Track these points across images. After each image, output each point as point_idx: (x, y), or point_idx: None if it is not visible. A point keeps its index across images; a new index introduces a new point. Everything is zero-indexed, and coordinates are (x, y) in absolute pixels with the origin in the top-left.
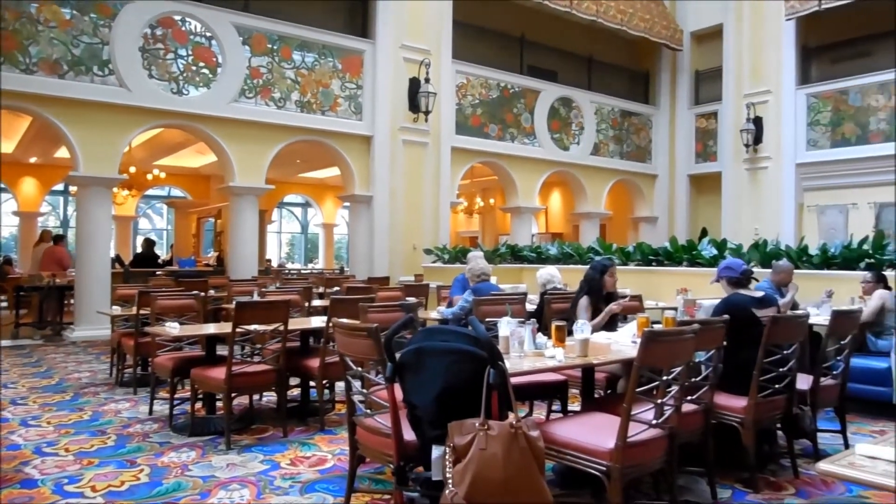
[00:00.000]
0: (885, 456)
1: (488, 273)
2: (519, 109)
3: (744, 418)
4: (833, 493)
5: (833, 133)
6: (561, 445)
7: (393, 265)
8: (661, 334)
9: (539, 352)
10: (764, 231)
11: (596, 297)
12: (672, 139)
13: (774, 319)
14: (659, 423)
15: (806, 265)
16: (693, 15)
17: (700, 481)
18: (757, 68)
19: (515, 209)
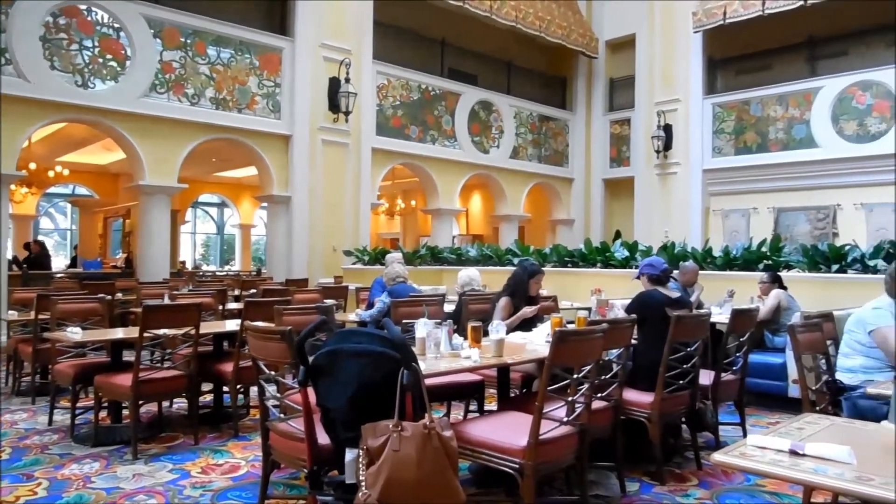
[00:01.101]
0: (773, 446)
1: (405, 275)
2: (440, 112)
3: (651, 413)
4: (733, 483)
5: (736, 141)
6: (476, 445)
7: (312, 267)
8: (572, 334)
9: (455, 353)
10: (673, 234)
11: (519, 299)
12: (588, 144)
13: (679, 318)
14: (570, 421)
15: (710, 266)
16: (608, 24)
17: (610, 475)
18: (667, 77)
19: (436, 211)
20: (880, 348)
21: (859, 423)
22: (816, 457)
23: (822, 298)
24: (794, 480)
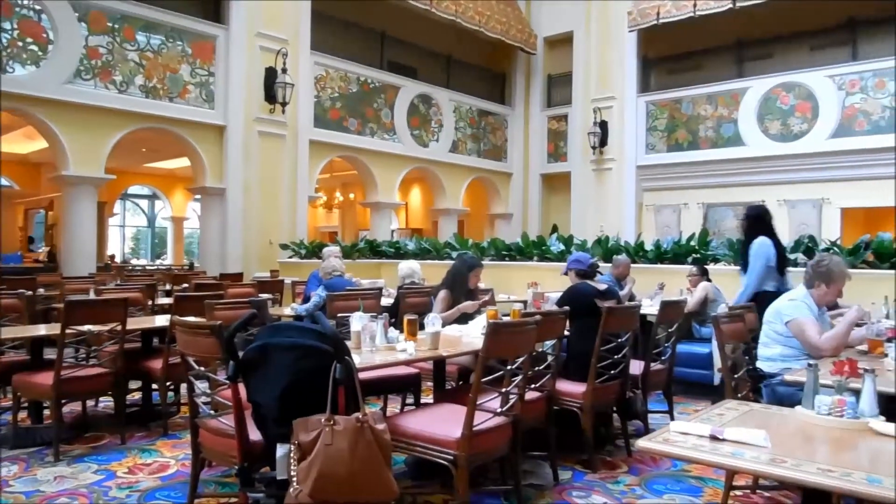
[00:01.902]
0: (695, 431)
1: (341, 269)
2: (379, 105)
3: (583, 403)
4: (661, 468)
5: (668, 138)
6: (411, 437)
7: (248, 261)
8: (505, 326)
9: (391, 346)
10: (608, 228)
11: (458, 292)
12: (526, 139)
13: (610, 310)
14: (504, 412)
15: (642, 260)
16: (546, 21)
17: (543, 464)
18: (603, 75)
19: (375, 204)
20: (797, 338)
21: (776, 409)
22: (734, 441)
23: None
24: (713, 464)
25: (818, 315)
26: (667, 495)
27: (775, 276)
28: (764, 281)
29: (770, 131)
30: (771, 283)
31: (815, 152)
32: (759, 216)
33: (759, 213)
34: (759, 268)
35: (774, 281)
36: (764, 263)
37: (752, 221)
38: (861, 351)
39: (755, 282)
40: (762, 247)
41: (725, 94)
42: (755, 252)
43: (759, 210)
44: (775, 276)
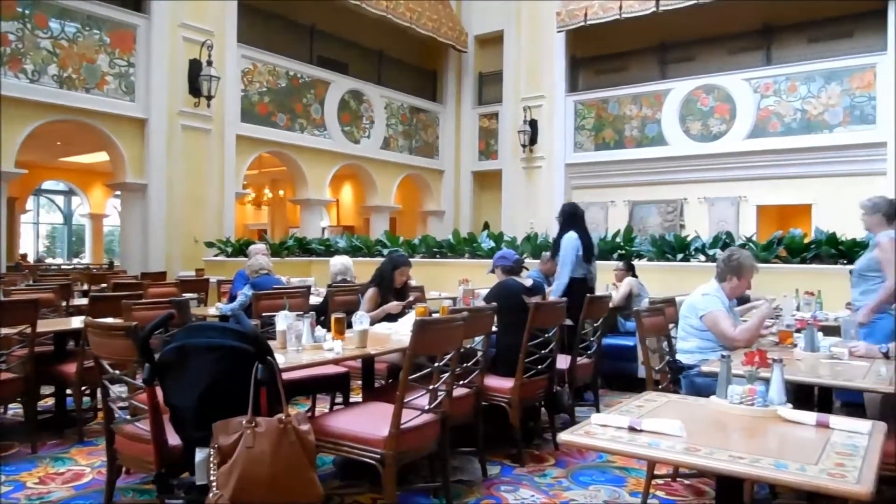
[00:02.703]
0: (614, 423)
1: (268, 267)
2: (309, 100)
3: (511, 398)
4: (587, 460)
5: (596, 137)
6: (338, 437)
7: (171, 259)
8: (433, 322)
9: (318, 345)
10: (538, 225)
11: (386, 290)
12: (458, 137)
13: (537, 305)
14: (432, 409)
15: None
16: (477, 20)
17: (472, 460)
18: (533, 74)
19: (305, 201)
20: (711, 331)
21: (692, 399)
22: (652, 432)
23: (669, 285)
24: (631, 455)
25: (729, 308)
26: (592, 486)
27: (583, 265)
28: (574, 269)
29: (691, 131)
30: (580, 271)
31: (733, 152)
32: (572, 213)
33: (572, 210)
34: (570, 258)
35: (582, 269)
36: (573, 254)
37: (566, 217)
38: (773, 342)
39: (568, 269)
40: (570, 240)
41: (649, 94)
42: (564, 244)
43: (572, 207)
44: (583, 264)
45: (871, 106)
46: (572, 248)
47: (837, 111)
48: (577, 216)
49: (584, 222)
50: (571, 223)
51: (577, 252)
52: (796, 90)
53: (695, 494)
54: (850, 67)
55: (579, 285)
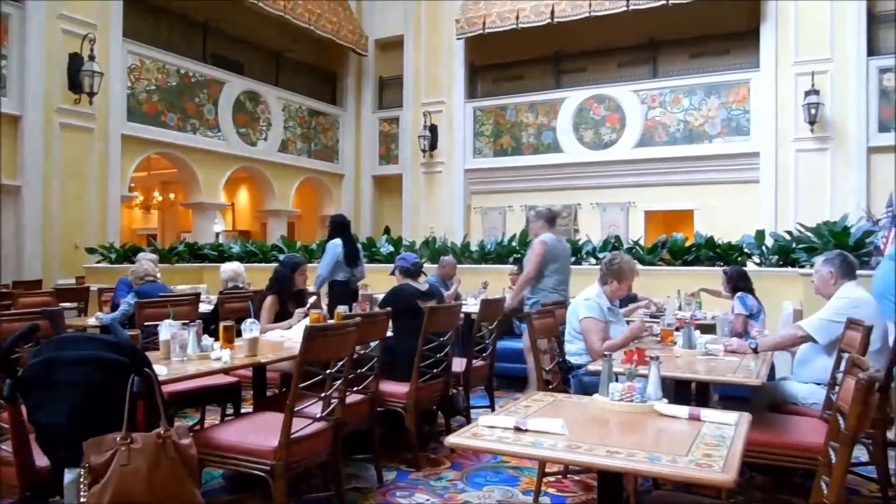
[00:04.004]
0: (501, 424)
1: (154, 274)
2: (202, 100)
3: (406, 403)
4: (482, 462)
5: (494, 144)
6: (225, 450)
7: (48, 267)
8: (323, 329)
9: (204, 354)
10: (438, 230)
11: (285, 296)
12: (358, 141)
13: (432, 310)
14: (323, 417)
15: (468, 260)
16: (378, 23)
17: (368, 467)
18: (433, 80)
19: (198, 205)
20: (584, 338)
21: (577, 398)
22: (536, 431)
23: None
24: (515, 454)
25: (608, 310)
26: (486, 487)
27: (344, 269)
28: (335, 272)
29: (584, 139)
30: (342, 274)
31: (623, 160)
32: (340, 223)
33: (339, 220)
34: (328, 261)
35: (344, 272)
36: (332, 259)
37: (334, 226)
38: (655, 340)
39: (325, 272)
40: (332, 246)
41: (545, 103)
42: (329, 248)
43: (340, 218)
44: (345, 268)
45: (746, 119)
46: (334, 252)
47: (716, 123)
48: (344, 225)
49: (349, 231)
50: (339, 231)
51: (338, 257)
52: (679, 102)
53: (584, 490)
54: (727, 82)
55: (341, 287)
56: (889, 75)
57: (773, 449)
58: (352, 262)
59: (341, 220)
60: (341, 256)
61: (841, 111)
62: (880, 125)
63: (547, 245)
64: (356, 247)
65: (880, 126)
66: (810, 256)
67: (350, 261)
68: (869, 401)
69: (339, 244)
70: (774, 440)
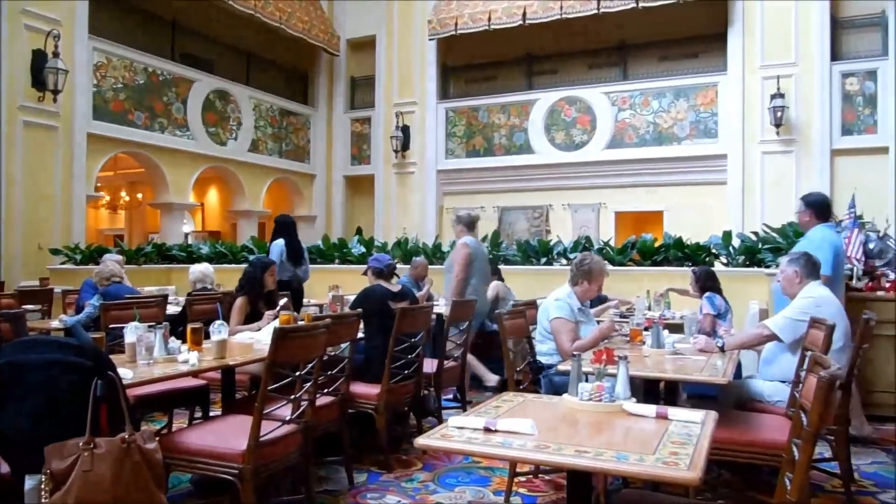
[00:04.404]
0: (470, 425)
1: (121, 275)
2: (170, 98)
3: (377, 404)
4: (453, 463)
5: (467, 144)
6: (192, 454)
7: (10, 268)
8: (293, 331)
9: (171, 357)
10: (411, 230)
11: (255, 296)
12: (329, 141)
13: (403, 311)
14: (293, 419)
15: (439, 261)
16: (350, 23)
17: (339, 469)
18: (405, 80)
19: (167, 205)
20: (554, 338)
21: (547, 398)
22: (505, 431)
23: (534, 288)
24: (484, 455)
25: (578, 311)
26: (458, 488)
27: (288, 268)
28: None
29: (556, 141)
30: (285, 274)
31: (594, 161)
32: (284, 223)
33: (283, 220)
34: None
35: (287, 272)
36: (277, 257)
37: (278, 226)
38: (624, 339)
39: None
40: (275, 246)
41: (517, 104)
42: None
43: (283, 218)
44: (288, 268)
45: (714, 121)
46: (276, 252)
47: (685, 125)
48: (287, 225)
49: (294, 232)
50: (282, 231)
51: (282, 256)
52: (649, 104)
53: (554, 489)
54: (695, 85)
55: (285, 286)
56: (852, 80)
57: (739, 446)
58: (295, 261)
59: (285, 219)
60: (284, 256)
61: (805, 114)
62: (843, 128)
63: (470, 248)
64: (300, 247)
65: (843, 129)
66: (776, 256)
67: (293, 260)
68: (830, 398)
69: (281, 244)
70: (740, 438)
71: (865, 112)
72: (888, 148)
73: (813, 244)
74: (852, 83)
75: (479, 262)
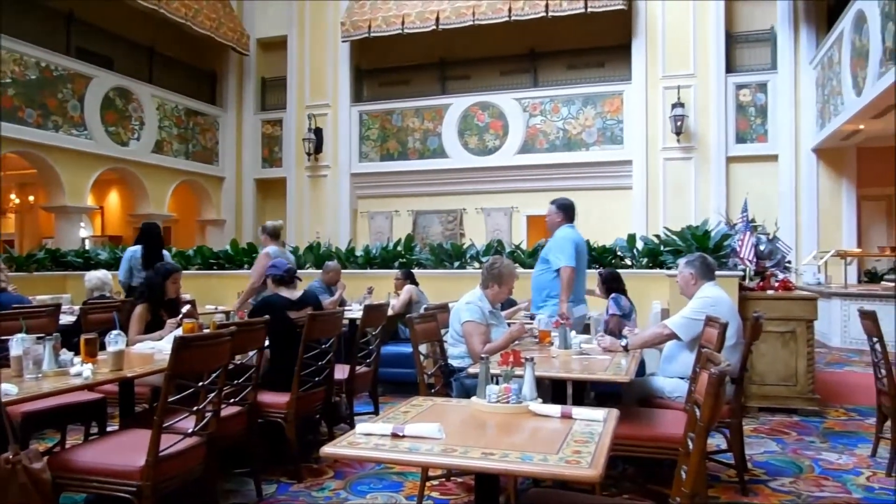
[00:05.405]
0: (378, 431)
1: (4, 283)
2: (65, 95)
3: (287, 413)
4: (365, 469)
5: (381, 148)
6: (86, 472)
7: None
8: (195, 339)
9: (63, 370)
10: (325, 234)
11: (156, 304)
12: (239, 143)
13: (312, 317)
14: (196, 431)
15: (353, 265)
16: (260, 23)
17: (248, 481)
18: (317, 82)
19: (61, 209)
20: (466, 341)
21: (455, 401)
22: (413, 436)
23: (447, 291)
24: (391, 461)
25: (490, 313)
26: (370, 495)
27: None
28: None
29: (469, 146)
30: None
31: (506, 166)
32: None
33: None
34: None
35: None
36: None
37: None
38: (533, 341)
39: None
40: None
41: (431, 108)
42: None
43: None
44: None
45: (620, 128)
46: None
47: (592, 132)
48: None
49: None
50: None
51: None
52: (559, 111)
53: (466, 491)
54: (602, 93)
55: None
56: (745, 91)
57: (640, 441)
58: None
59: (145, 227)
60: (138, 262)
61: (703, 123)
62: (737, 137)
63: (271, 256)
64: (160, 253)
65: (737, 138)
66: (676, 258)
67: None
68: (720, 393)
69: (136, 249)
70: (642, 433)
71: (757, 122)
72: (777, 156)
73: (557, 242)
74: (745, 94)
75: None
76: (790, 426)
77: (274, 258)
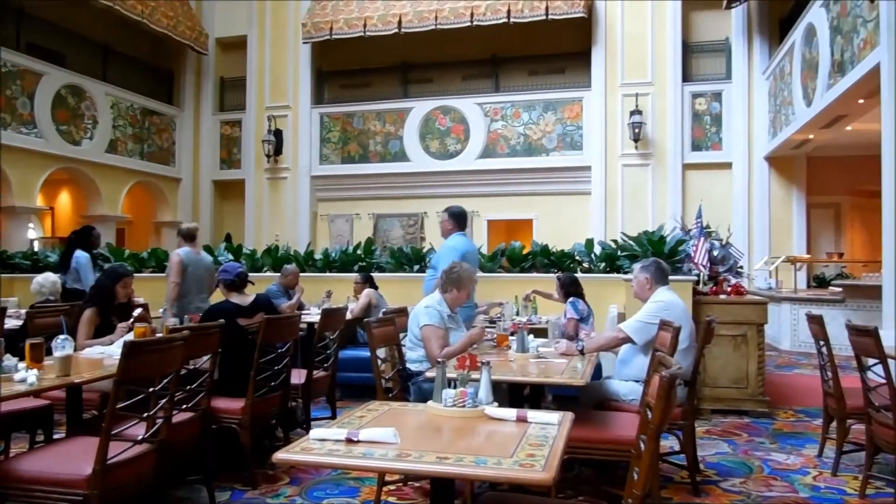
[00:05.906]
0: (332, 436)
1: None
2: (14, 92)
3: (241, 419)
4: (321, 475)
5: (342, 151)
6: (29, 482)
7: None
8: (145, 344)
9: (7, 376)
10: (284, 237)
11: (105, 308)
12: (196, 143)
13: (268, 321)
14: (146, 438)
15: (312, 269)
16: (219, 22)
17: (201, 489)
18: (277, 83)
19: (9, 209)
20: (424, 345)
21: (412, 405)
22: (368, 441)
23: (408, 295)
24: (344, 467)
25: (448, 317)
26: (326, 501)
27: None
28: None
29: (430, 149)
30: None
31: (467, 170)
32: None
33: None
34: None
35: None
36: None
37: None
38: (491, 345)
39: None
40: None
41: (392, 112)
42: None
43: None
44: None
45: (579, 134)
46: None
47: (553, 137)
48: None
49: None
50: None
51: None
52: (520, 117)
53: (423, 496)
54: (562, 100)
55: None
56: (701, 100)
57: (595, 444)
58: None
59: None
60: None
61: (660, 130)
62: (693, 144)
63: (181, 257)
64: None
65: (693, 145)
66: (632, 263)
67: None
68: (671, 396)
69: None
70: (596, 436)
71: (712, 130)
72: (731, 163)
73: (446, 250)
74: (701, 103)
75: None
76: (741, 427)
77: (186, 260)
